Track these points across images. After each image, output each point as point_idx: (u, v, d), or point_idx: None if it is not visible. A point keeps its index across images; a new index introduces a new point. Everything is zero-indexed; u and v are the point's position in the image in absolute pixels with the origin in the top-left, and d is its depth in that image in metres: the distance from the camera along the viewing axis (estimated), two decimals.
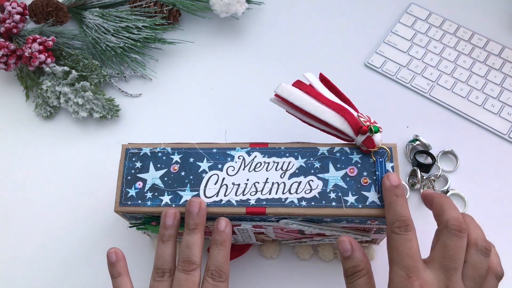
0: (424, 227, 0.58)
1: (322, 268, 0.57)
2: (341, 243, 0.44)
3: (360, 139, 0.46)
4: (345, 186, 0.45)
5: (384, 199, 0.44)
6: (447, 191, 0.60)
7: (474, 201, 0.60)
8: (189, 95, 0.69)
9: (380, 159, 0.46)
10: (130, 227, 0.51)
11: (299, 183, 0.46)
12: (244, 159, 0.48)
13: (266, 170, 0.47)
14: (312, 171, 0.46)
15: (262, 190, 0.46)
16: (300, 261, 0.58)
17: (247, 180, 0.47)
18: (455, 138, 0.63)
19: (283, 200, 0.45)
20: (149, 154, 0.49)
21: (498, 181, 0.61)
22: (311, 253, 0.57)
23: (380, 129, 0.46)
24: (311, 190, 0.46)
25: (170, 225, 0.46)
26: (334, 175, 0.46)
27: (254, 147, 0.48)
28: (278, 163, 0.47)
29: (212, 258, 0.45)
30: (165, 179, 0.48)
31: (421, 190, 0.59)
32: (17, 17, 0.69)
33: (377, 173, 0.45)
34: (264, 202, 0.46)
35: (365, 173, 0.46)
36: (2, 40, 0.67)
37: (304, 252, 0.57)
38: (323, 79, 0.50)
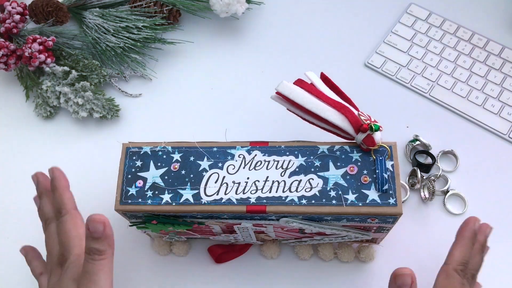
0: (426, 227, 0.59)
1: (322, 268, 0.57)
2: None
3: (360, 137, 0.46)
4: (345, 184, 0.45)
5: None
6: (447, 191, 0.60)
7: (474, 201, 0.60)
8: (189, 95, 0.69)
9: (380, 157, 0.46)
10: (130, 226, 0.51)
11: (299, 181, 0.46)
12: (244, 157, 0.48)
13: (267, 168, 0.47)
14: (312, 170, 0.46)
15: (262, 189, 0.46)
16: (300, 261, 0.58)
17: (248, 178, 0.47)
18: (455, 138, 0.63)
19: (283, 198, 0.45)
20: (149, 152, 0.49)
21: (498, 181, 0.61)
22: (311, 253, 0.57)
23: (380, 128, 0.46)
24: (311, 188, 0.46)
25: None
26: (334, 174, 0.46)
27: (255, 145, 0.48)
28: (278, 161, 0.47)
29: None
30: (166, 177, 0.48)
31: (421, 191, 0.59)
32: (17, 17, 0.69)
33: (377, 171, 0.45)
34: (265, 201, 0.45)
35: (365, 171, 0.46)
36: (2, 40, 0.67)
37: (304, 252, 0.57)
38: (324, 78, 0.51)
